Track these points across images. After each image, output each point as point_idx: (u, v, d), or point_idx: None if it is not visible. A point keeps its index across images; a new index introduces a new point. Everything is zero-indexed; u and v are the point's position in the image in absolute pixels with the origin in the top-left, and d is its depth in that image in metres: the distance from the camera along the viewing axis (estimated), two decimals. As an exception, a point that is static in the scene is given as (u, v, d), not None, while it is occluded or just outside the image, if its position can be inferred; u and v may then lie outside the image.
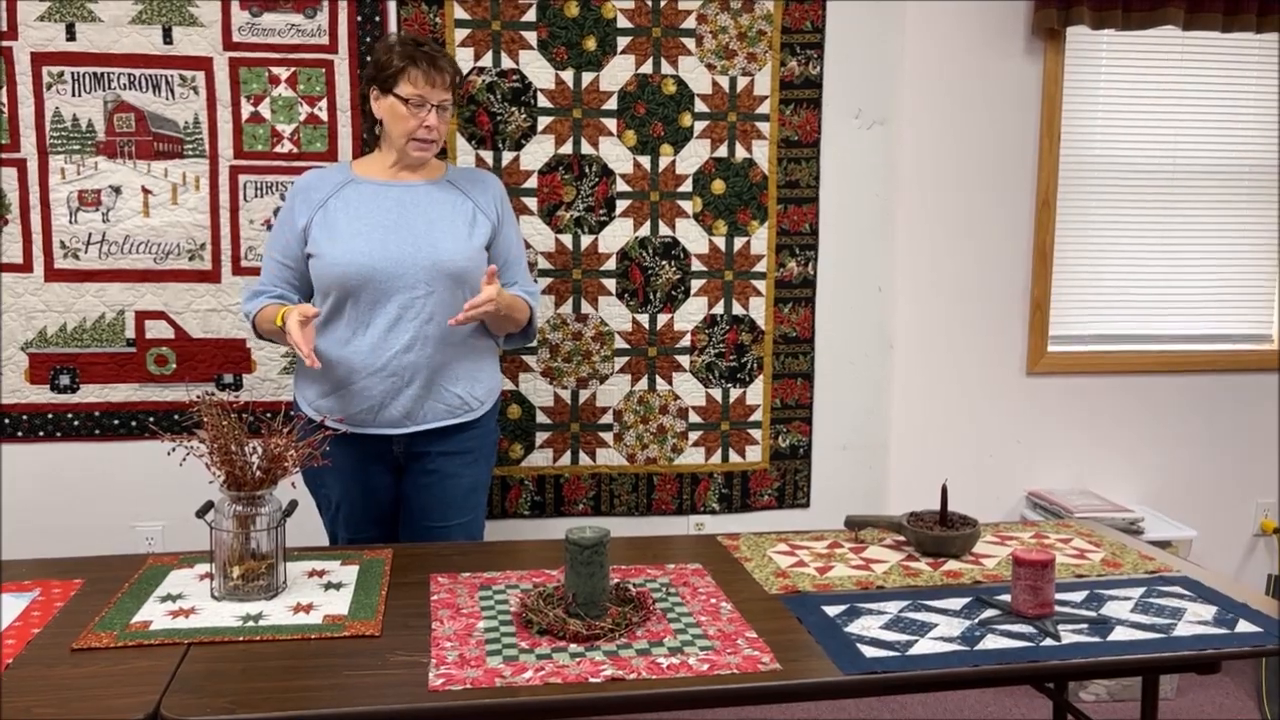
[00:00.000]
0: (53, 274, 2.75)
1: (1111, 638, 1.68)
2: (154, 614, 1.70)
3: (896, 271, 3.16)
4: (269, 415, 1.85)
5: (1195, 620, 1.75)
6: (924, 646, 1.63)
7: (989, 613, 1.76)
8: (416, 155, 2.33)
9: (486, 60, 2.86)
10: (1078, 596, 1.85)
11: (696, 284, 3.03)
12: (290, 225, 2.34)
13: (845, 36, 3.02)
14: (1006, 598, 1.78)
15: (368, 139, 2.80)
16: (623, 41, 2.91)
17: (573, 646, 1.61)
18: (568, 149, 2.93)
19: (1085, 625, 1.71)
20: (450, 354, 2.31)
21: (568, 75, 2.90)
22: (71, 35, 2.69)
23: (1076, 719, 2.06)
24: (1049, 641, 1.65)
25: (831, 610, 1.76)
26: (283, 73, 2.78)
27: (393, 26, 2.80)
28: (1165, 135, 3.29)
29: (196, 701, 1.42)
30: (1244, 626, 1.73)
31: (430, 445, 2.35)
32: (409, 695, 1.46)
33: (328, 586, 1.83)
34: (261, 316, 2.33)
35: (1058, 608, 1.75)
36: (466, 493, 2.40)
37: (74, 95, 2.71)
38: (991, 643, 1.65)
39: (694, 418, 3.08)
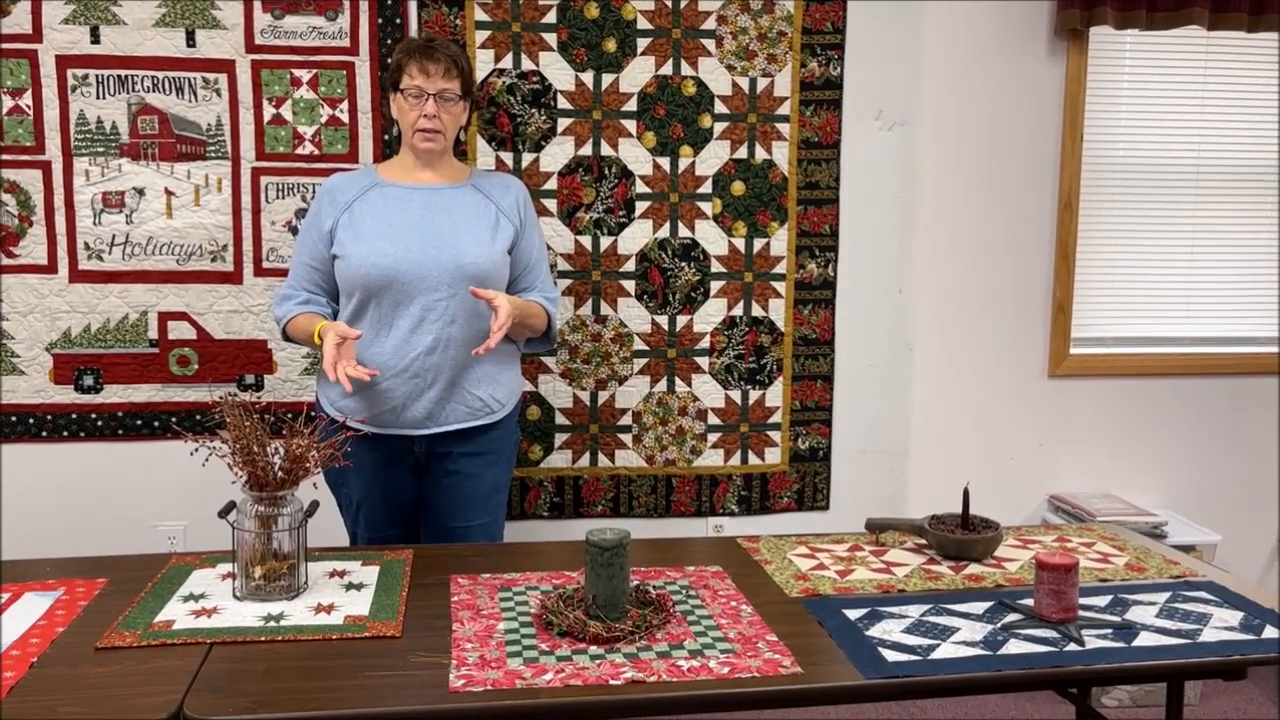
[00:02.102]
0: (77, 275, 2.78)
1: (1136, 643, 1.66)
2: (177, 613, 1.71)
3: (917, 273, 3.14)
4: (290, 416, 1.85)
5: (1221, 626, 1.74)
6: (946, 651, 1.62)
7: (1011, 617, 1.74)
8: (423, 147, 2.34)
9: (507, 62, 2.86)
10: (1101, 601, 1.83)
11: (716, 285, 3.03)
12: (317, 227, 2.36)
13: (866, 37, 3.00)
14: (1029, 602, 1.77)
15: (388, 141, 2.82)
16: (643, 43, 2.91)
17: (593, 648, 1.61)
18: (587, 150, 2.93)
19: (1109, 630, 1.70)
20: (472, 357, 2.31)
21: (587, 77, 2.90)
22: (96, 38, 2.71)
23: (1099, 725, 2.05)
24: (1073, 646, 1.64)
25: (852, 614, 1.76)
26: (304, 75, 2.79)
27: (413, 29, 2.81)
28: (1189, 136, 3.27)
29: (219, 701, 1.43)
30: (1270, 632, 1.72)
31: (451, 446, 2.35)
32: (430, 696, 1.46)
33: (349, 587, 1.84)
34: (294, 326, 2.34)
35: (1081, 612, 1.73)
36: (487, 494, 2.41)
37: (98, 98, 2.73)
38: (1014, 647, 1.63)
39: (713, 419, 3.07)
